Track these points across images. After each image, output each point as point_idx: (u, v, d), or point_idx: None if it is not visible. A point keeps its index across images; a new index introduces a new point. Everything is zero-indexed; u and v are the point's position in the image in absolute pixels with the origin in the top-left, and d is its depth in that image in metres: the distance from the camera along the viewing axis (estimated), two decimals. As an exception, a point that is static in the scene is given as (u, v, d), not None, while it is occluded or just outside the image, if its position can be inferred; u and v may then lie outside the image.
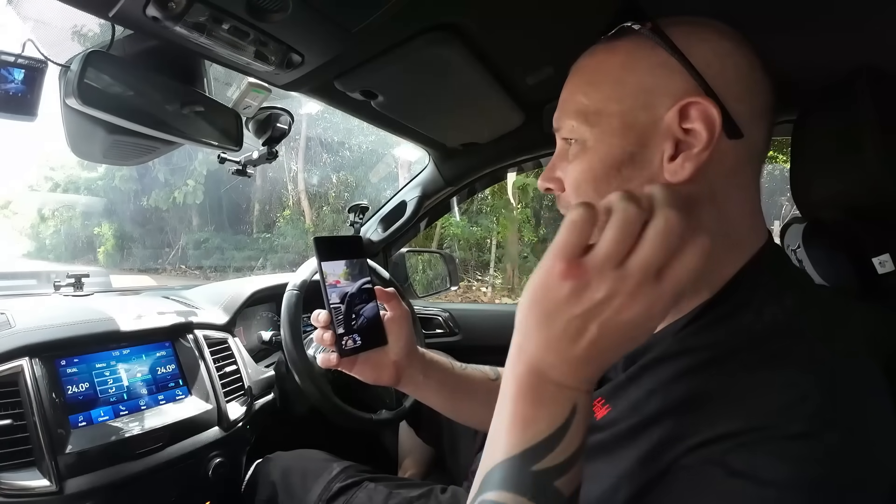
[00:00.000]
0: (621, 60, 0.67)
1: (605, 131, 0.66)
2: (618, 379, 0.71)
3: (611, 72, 0.67)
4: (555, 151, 0.74)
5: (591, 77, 0.69)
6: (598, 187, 0.66)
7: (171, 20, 0.80)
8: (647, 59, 0.64)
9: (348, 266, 0.88)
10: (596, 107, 0.67)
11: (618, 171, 0.65)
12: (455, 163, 1.79)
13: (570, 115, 0.69)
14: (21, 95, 0.89)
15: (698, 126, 0.61)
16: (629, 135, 0.65)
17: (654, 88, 0.64)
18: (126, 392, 1.15)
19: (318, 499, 1.11)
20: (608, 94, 0.66)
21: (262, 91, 1.17)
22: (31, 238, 14.33)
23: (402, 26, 0.98)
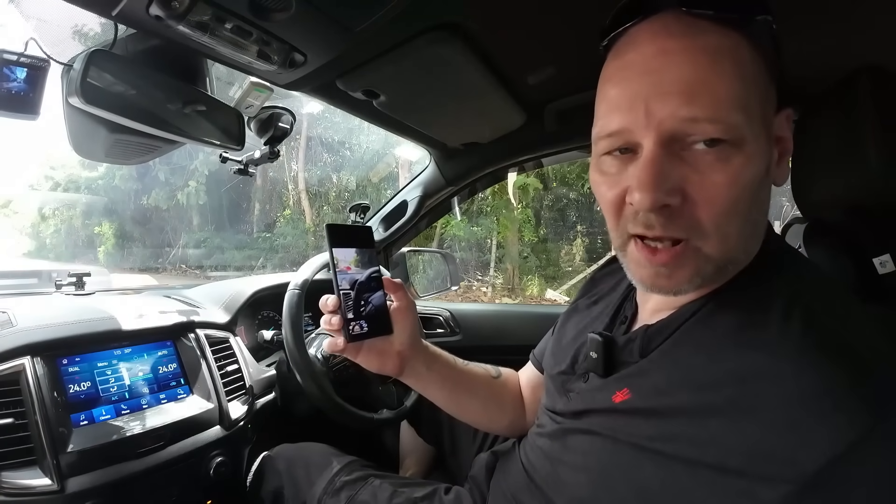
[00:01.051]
0: (750, 54, 0.59)
1: (759, 133, 0.59)
2: (639, 364, 0.71)
3: (747, 62, 0.59)
4: (648, 152, 0.60)
5: (728, 65, 0.58)
6: (754, 200, 0.60)
7: (174, 19, 0.80)
8: (763, 57, 0.60)
9: (359, 254, 0.89)
10: (749, 101, 0.58)
11: (762, 181, 0.60)
12: (456, 162, 1.79)
13: (731, 106, 0.57)
14: (23, 94, 0.89)
15: (788, 133, 0.62)
16: (767, 138, 0.61)
17: (769, 90, 0.61)
18: (128, 391, 1.15)
19: (323, 492, 1.11)
20: (751, 88, 0.59)
21: (265, 90, 1.17)
22: (31, 237, 14.35)
23: (405, 26, 0.98)
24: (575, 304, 1.00)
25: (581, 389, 0.81)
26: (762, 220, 0.65)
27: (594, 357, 0.78)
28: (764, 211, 0.64)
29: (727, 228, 0.60)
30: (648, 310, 0.77)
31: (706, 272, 0.62)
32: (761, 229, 0.66)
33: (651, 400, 0.65)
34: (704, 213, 0.59)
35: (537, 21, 1.01)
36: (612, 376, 0.75)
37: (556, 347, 0.96)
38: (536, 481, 0.84)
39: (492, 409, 1.08)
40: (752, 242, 0.65)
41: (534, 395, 1.09)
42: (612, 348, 0.77)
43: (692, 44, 0.58)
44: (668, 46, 0.59)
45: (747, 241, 0.64)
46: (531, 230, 11.12)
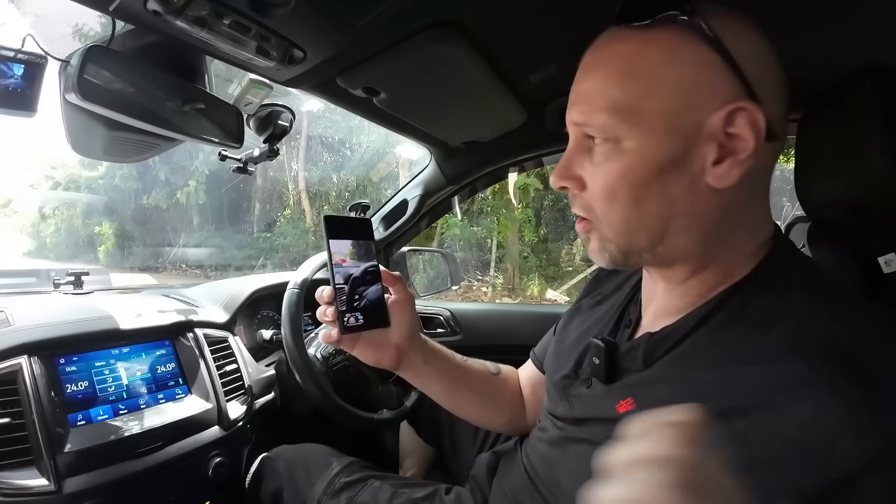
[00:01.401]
0: (662, 54, 0.63)
1: (647, 131, 0.63)
2: (644, 374, 0.70)
3: (650, 65, 0.63)
4: (568, 146, 0.71)
5: (627, 68, 0.64)
6: (637, 193, 0.65)
7: (172, 14, 0.79)
8: (689, 54, 0.62)
9: (356, 246, 0.88)
10: (633, 103, 0.63)
11: (659, 176, 0.63)
12: (457, 161, 1.78)
13: (603, 111, 0.65)
14: (21, 91, 0.89)
15: (745, 132, 0.60)
16: (673, 137, 0.62)
17: (698, 88, 0.61)
18: (126, 391, 1.14)
19: (323, 493, 1.10)
20: (648, 90, 0.63)
21: (264, 88, 1.17)
22: (31, 236, 14.37)
23: (406, 23, 0.97)
24: (578, 304, 0.99)
25: (583, 395, 0.80)
26: (676, 217, 0.65)
27: (596, 363, 0.78)
28: (675, 207, 0.65)
29: (611, 215, 0.67)
30: (651, 314, 0.77)
31: (611, 251, 0.70)
32: (683, 225, 0.66)
33: None
34: (592, 200, 0.69)
35: (539, 19, 1.01)
36: (616, 384, 0.74)
37: (558, 349, 0.96)
38: (537, 484, 0.84)
39: (491, 405, 1.07)
40: (664, 235, 0.66)
41: (534, 393, 1.09)
42: (614, 354, 0.77)
43: (596, 57, 0.68)
44: (584, 62, 0.70)
45: (650, 231, 0.67)
46: (531, 230, 11.13)
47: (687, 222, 0.65)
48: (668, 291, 0.73)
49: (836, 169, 0.93)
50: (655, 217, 0.65)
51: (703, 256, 0.68)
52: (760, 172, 0.65)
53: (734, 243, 0.67)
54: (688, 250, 0.67)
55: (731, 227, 0.66)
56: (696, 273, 0.69)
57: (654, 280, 0.77)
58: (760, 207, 0.68)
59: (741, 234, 0.67)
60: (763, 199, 0.68)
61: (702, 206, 0.64)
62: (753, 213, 0.68)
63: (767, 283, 0.64)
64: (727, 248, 0.67)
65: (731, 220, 0.66)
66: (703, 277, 0.69)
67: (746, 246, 0.67)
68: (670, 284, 0.73)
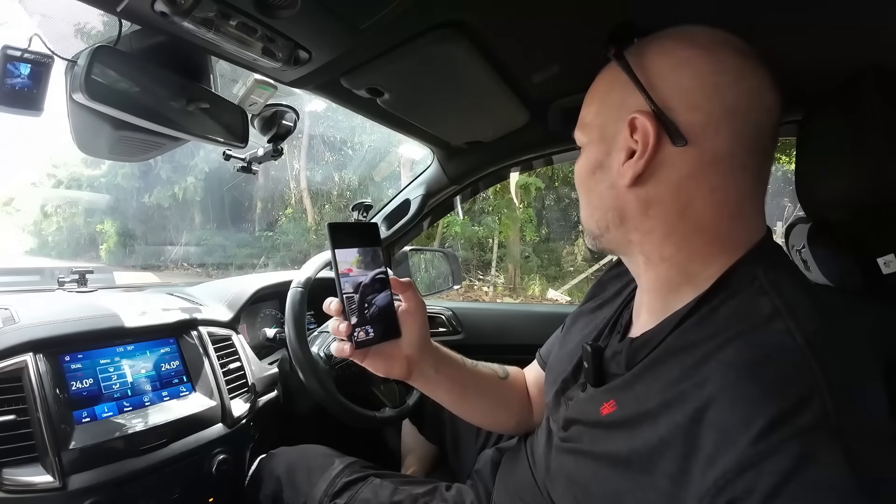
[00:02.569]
0: (607, 80, 0.77)
1: (590, 140, 0.78)
2: (625, 377, 0.73)
3: (599, 91, 0.78)
4: None
5: (591, 96, 0.80)
6: (585, 188, 0.80)
7: (179, 15, 0.80)
8: (619, 78, 0.72)
9: (362, 254, 0.86)
10: (587, 120, 0.79)
11: (592, 175, 0.77)
12: (459, 161, 1.79)
13: (577, 127, 0.81)
14: (27, 90, 0.89)
15: (641, 137, 0.68)
16: (601, 145, 0.75)
17: (622, 104, 0.72)
18: (130, 388, 1.15)
19: (324, 494, 1.11)
20: (595, 110, 0.78)
21: (269, 88, 1.17)
22: (33, 235, 14.36)
23: (410, 24, 0.97)
24: (582, 308, 1.01)
25: (577, 398, 0.82)
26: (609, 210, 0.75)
27: (586, 367, 0.81)
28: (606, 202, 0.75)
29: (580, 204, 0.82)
30: (641, 321, 0.79)
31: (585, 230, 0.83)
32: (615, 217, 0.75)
33: (632, 412, 0.68)
34: None
35: (542, 20, 1.01)
36: (602, 388, 0.77)
37: (560, 353, 0.97)
38: (539, 482, 0.85)
39: (499, 410, 1.08)
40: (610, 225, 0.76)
41: (540, 393, 1.09)
42: (601, 359, 0.80)
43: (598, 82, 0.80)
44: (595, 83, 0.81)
45: (593, 219, 0.79)
46: (533, 230, 11.12)
47: (617, 215, 0.74)
48: (646, 291, 0.77)
49: (836, 169, 0.93)
50: (595, 208, 0.78)
51: (647, 249, 0.74)
52: (690, 176, 0.67)
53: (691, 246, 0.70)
54: (630, 239, 0.75)
55: (673, 228, 0.70)
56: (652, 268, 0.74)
57: (639, 282, 0.80)
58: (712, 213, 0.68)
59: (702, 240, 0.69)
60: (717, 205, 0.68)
61: (623, 201, 0.73)
62: (699, 217, 0.68)
63: (739, 288, 0.66)
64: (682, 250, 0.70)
65: (664, 220, 0.70)
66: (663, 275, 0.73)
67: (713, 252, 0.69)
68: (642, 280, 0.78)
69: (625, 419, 0.68)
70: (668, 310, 0.71)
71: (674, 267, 0.71)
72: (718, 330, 0.63)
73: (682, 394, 0.61)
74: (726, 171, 0.67)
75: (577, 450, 0.76)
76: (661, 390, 0.64)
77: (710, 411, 0.57)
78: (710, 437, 0.56)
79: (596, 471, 0.70)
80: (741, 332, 0.60)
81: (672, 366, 0.65)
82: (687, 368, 0.63)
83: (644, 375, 0.69)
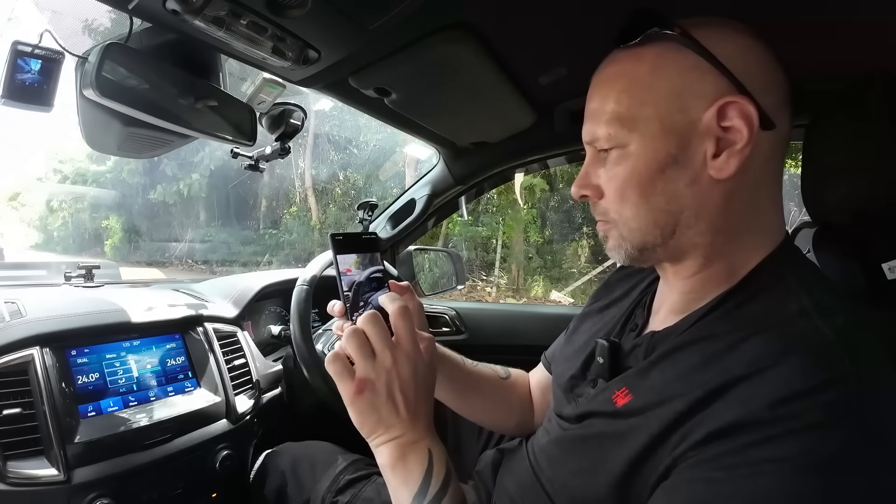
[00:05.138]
0: (650, 66, 0.68)
1: (646, 135, 0.68)
2: (639, 365, 0.73)
3: (641, 78, 0.69)
4: (586, 160, 0.77)
5: (622, 85, 0.70)
6: (645, 191, 0.69)
7: (190, 14, 0.80)
8: (675, 62, 0.67)
9: (359, 257, 0.88)
10: (631, 112, 0.69)
11: (662, 173, 0.68)
12: (465, 161, 1.79)
13: (606, 124, 0.71)
14: (38, 86, 0.90)
15: (738, 123, 0.64)
16: (670, 137, 0.67)
17: (686, 91, 0.66)
18: (136, 383, 1.16)
19: (327, 490, 1.11)
20: (641, 100, 0.68)
21: (277, 87, 1.17)
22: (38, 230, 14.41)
23: (418, 24, 0.98)
24: (589, 309, 1.01)
25: (588, 395, 0.82)
26: (683, 210, 0.69)
27: (601, 362, 0.81)
28: (681, 201, 0.69)
29: (624, 215, 0.72)
30: (660, 318, 0.79)
31: (626, 248, 0.74)
32: (690, 218, 0.69)
33: (649, 399, 0.67)
34: (608, 204, 0.73)
35: (550, 21, 1.01)
36: (615, 379, 0.77)
37: (567, 352, 0.97)
38: (542, 481, 0.85)
39: (499, 410, 1.08)
40: (673, 229, 0.70)
41: (544, 396, 1.09)
42: (618, 353, 0.80)
43: (598, 78, 0.74)
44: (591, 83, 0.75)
45: (660, 227, 0.71)
46: (536, 231, 11.10)
47: (694, 214, 0.69)
48: (678, 292, 0.76)
49: (842, 175, 0.93)
50: (663, 212, 0.69)
51: (711, 248, 0.70)
52: (764, 165, 0.67)
53: (741, 241, 0.70)
54: (697, 242, 0.70)
55: (738, 221, 0.69)
56: (704, 268, 0.71)
57: (667, 284, 0.79)
58: (769, 209, 0.70)
59: (749, 234, 0.70)
60: (772, 202, 0.70)
61: (706, 197, 0.68)
62: (761, 212, 0.70)
63: (767, 284, 0.66)
64: (734, 245, 0.70)
65: (736, 213, 0.68)
66: (709, 274, 0.71)
67: (753, 247, 0.70)
68: (679, 282, 0.75)
69: (641, 406, 0.68)
70: (692, 307, 0.72)
71: (726, 266, 0.70)
72: (744, 324, 0.64)
73: (702, 378, 0.61)
74: (782, 158, 0.69)
75: (590, 436, 0.76)
76: (678, 376, 0.65)
77: (734, 389, 0.58)
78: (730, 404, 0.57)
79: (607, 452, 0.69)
80: (769, 326, 0.61)
81: (692, 353, 0.66)
82: (709, 355, 0.63)
83: (660, 363, 0.69)
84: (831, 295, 0.65)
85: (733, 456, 0.54)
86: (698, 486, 0.55)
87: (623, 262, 0.77)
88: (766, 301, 0.65)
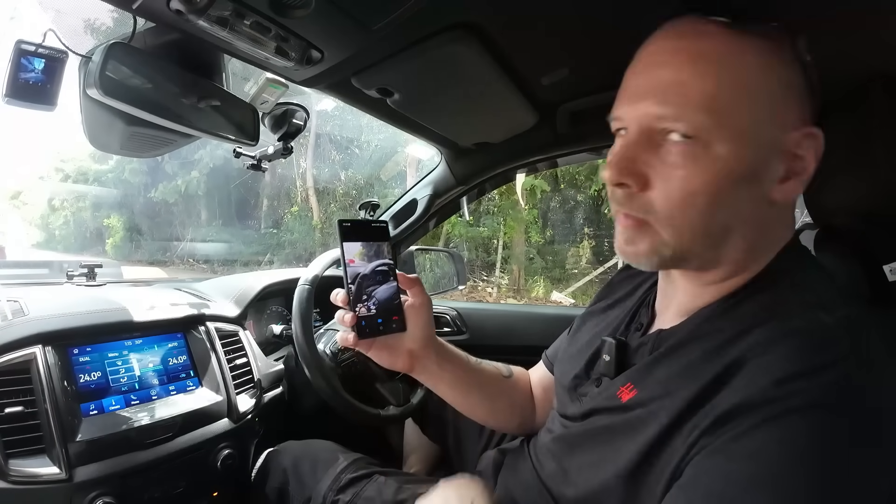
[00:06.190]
0: (759, 62, 0.62)
1: (737, 137, 0.61)
2: (644, 361, 0.73)
3: (749, 69, 0.62)
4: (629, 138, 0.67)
5: (724, 66, 0.62)
6: (715, 200, 0.63)
7: (194, 14, 0.80)
8: (782, 68, 0.63)
9: (367, 247, 0.88)
10: (731, 105, 0.61)
11: (737, 186, 0.63)
12: (467, 162, 1.79)
13: (699, 108, 0.61)
14: (41, 85, 0.89)
15: (809, 156, 0.63)
16: (756, 148, 0.62)
17: (784, 104, 0.63)
18: (138, 382, 1.16)
19: (329, 489, 1.11)
20: (744, 94, 0.62)
21: (280, 87, 1.18)
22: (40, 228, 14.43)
23: (422, 25, 0.98)
24: (591, 309, 1.01)
25: (593, 394, 0.81)
26: (738, 227, 0.66)
27: (607, 360, 0.80)
28: (741, 217, 0.66)
29: (680, 219, 0.64)
30: (667, 317, 0.78)
31: (663, 254, 0.67)
32: (744, 233, 0.67)
33: (654, 392, 0.67)
34: (659, 200, 0.64)
35: (553, 22, 1.01)
36: (620, 376, 0.76)
37: (570, 351, 0.97)
38: (544, 480, 0.85)
39: (502, 409, 1.08)
40: (726, 240, 0.67)
41: (545, 395, 1.09)
42: (624, 352, 0.79)
43: (681, 46, 0.64)
44: (661, 48, 0.66)
45: (711, 238, 0.66)
46: (538, 231, 11.10)
47: (745, 232, 0.67)
48: (687, 293, 0.75)
49: (844, 176, 0.93)
50: (721, 226, 0.65)
51: (740, 261, 0.69)
52: None
53: (764, 251, 0.70)
54: (733, 256, 0.68)
55: (772, 238, 0.69)
56: (726, 277, 0.70)
57: (673, 285, 0.78)
58: (791, 221, 0.71)
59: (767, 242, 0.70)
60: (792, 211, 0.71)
61: (760, 216, 0.66)
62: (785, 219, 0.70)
63: (774, 281, 0.67)
64: (757, 255, 0.69)
65: (773, 232, 0.69)
66: (727, 280, 0.71)
67: (769, 251, 0.69)
68: (690, 284, 0.74)
69: (646, 399, 0.68)
70: (698, 305, 0.72)
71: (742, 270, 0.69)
72: (748, 317, 0.64)
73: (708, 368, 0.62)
74: None
75: (595, 431, 0.76)
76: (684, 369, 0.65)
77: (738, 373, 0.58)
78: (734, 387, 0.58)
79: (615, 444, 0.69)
80: (772, 316, 0.61)
81: (696, 347, 0.66)
82: (714, 347, 0.63)
83: (665, 358, 0.69)
84: (834, 291, 0.66)
85: (741, 442, 0.54)
86: (712, 478, 0.55)
87: (649, 267, 0.72)
88: (772, 296, 0.65)
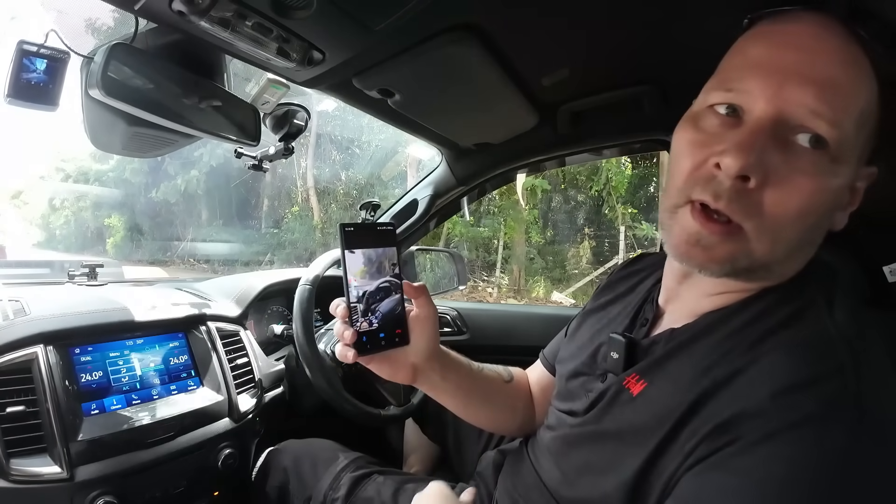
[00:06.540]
0: (872, 78, 0.59)
1: (854, 160, 0.60)
2: (655, 355, 0.72)
3: (872, 92, 0.59)
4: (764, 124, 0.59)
5: (871, 78, 0.59)
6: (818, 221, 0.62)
7: (196, 15, 0.81)
8: (873, 88, 0.60)
9: (375, 257, 0.80)
10: (864, 123, 0.59)
11: (832, 212, 0.64)
12: (468, 162, 1.79)
13: (852, 118, 0.57)
14: (43, 85, 0.90)
15: (860, 190, 0.64)
16: (856, 175, 0.62)
17: (873, 129, 0.62)
18: (139, 381, 1.16)
19: (329, 487, 1.11)
20: (870, 117, 0.60)
21: (281, 87, 1.18)
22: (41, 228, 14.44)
23: (422, 26, 0.98)
24: (591, 306, 1.00)
25: (598, 390, 0.80)
26: (813, 245, 0.67)
27: (615, 357, 0.79)
28: (819, 235, 0.66)
29: (784, 231, 0.60)
30: (678, 316, 0.76)
31: (738, 264, 0.62)
32: (808, 252, 0.67)
33: (663, 387, 0.67)
34: (771, 205, 0.58)
35: (554, 23, 1.01)
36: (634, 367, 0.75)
37: (571, 348, 0.96)
38: (545, 480, 0.84)
39: (504, 414, 1.06)
40: (795, 257, 0.67)
41: (543, 395, 1.09)
42: (634, 349, 0.77)
43: (845, 45, 0.58)
44: (827, 34, 0.59)
45: (793, 254, 0.65)
46: (538, 232, 11.10)
47: (809, 252, 0.67)
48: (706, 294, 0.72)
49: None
50: (803, 245, 0.65)
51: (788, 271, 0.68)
52: None
53: None
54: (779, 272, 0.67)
55: None
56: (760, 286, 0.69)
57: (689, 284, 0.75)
58: None
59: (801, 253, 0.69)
60: None
61: (819, 238, 0.66)
62: None
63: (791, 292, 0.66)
64: None
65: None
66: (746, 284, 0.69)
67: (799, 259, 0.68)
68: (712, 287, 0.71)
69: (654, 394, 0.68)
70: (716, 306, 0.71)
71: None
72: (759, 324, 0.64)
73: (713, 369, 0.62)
74: None
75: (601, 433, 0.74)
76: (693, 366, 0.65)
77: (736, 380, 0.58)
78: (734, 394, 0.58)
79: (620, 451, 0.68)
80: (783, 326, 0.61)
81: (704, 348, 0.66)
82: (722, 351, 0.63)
83: (679, 353, 0.69)
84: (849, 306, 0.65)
85: (739, 456, 0.54)
86: (711, 495, 0.55)
87: (709, 274, 0.65)
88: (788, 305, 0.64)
